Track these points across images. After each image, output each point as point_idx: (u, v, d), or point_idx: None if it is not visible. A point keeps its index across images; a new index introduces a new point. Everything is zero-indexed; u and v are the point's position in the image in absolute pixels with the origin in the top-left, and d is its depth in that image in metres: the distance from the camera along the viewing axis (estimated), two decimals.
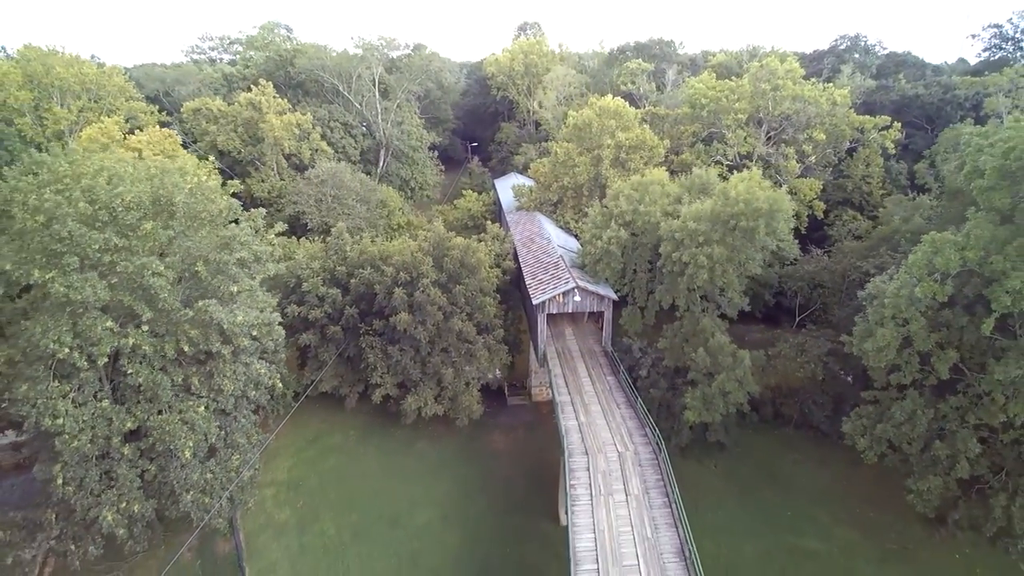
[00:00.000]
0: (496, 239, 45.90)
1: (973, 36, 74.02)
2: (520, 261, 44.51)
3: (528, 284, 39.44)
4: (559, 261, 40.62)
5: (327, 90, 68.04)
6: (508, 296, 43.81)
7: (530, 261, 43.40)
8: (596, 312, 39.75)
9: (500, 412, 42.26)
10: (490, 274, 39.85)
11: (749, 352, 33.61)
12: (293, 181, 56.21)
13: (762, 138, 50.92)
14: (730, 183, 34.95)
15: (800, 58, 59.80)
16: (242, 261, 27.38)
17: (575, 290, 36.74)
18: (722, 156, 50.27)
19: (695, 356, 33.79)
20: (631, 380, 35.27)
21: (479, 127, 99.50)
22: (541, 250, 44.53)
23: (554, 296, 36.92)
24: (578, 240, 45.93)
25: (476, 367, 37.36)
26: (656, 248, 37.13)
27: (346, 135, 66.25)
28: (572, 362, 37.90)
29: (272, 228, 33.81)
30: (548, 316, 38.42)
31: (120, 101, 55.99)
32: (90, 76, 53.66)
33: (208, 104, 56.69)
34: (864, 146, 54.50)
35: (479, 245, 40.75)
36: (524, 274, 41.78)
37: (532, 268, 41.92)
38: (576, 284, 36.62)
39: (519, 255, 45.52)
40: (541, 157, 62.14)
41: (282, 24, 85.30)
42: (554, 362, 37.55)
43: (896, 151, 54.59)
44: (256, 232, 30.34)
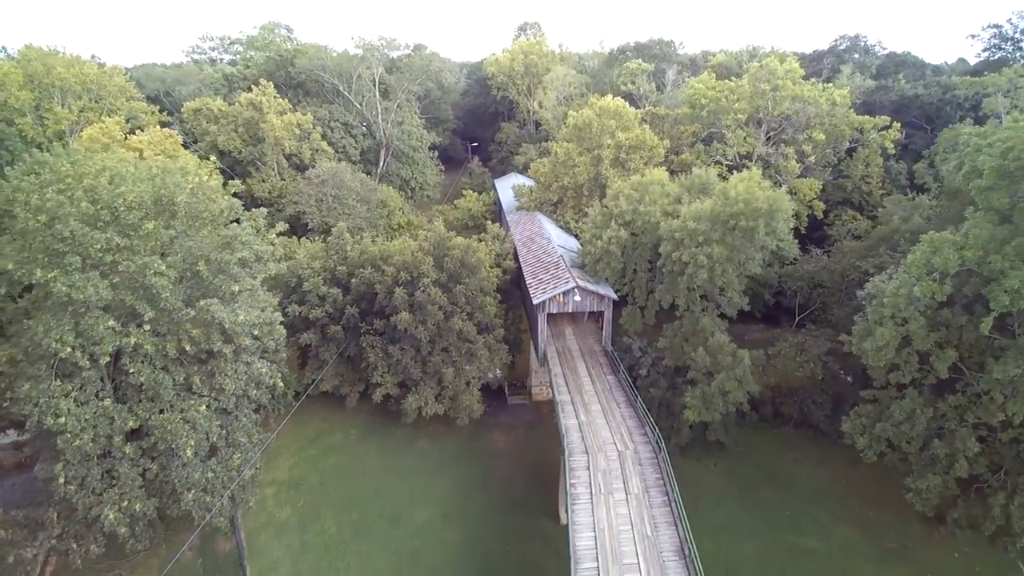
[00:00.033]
0: (496, 239, 45.97)
1: (972, 36, 73.56)
2: (520, 261, 44.59)
3: (528, 284, 39.53)
4: (559, 261, 40.69)
5: (327, 90, 68.07)
6: (508, 296, 43.89)
7: (530, 261, 43.48)
8: (596, 312, 39.86)
9: (500, 411, 42.37)
10: (490, 274, 39.93)
11: (749, 351, 33.70)
12: (294, 181, 56.29)
13: (762, 138, 50.98)
14: (730, 183, 35.04)
15: (800, 58, 59.88)
16: (243, 261, 27.49)
17: (575, 290, 36.83)
18: (722, 156, 50.31)
19: (695, 355, 33.88)
20: (631, 379, 35.36)
21: (479, 127, 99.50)
22: (541, 250, 44.60)
23: (554, 296, 37.02)
24: (578, 240, 46.00)
25: (476, 366, 37.46)
26: (656, 248, 37.24)
27: (346, 135, 66.30)
28: (572, 361, 38.00)
29: (273, 228, 33.87)
30: (548, 315, 38.51)
31: (121, 101, 56.02)
32: (91, 76, 53.66)
33: (209, 104, 56.69)
34: (864, 146, 54.54)
35: (479, 245, 40.82)
36: (524, 274, 41.86)
37: (532, 268, 42.00)
38: (576, 284, 36.70)
39: (519, 255, 45.60)
40: (541, 157, 62.15)
41: (282, 24, 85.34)
42: (554, 361, 37.66)
43: (896, 151, 54.59)
44: (257, 232, 30.45)
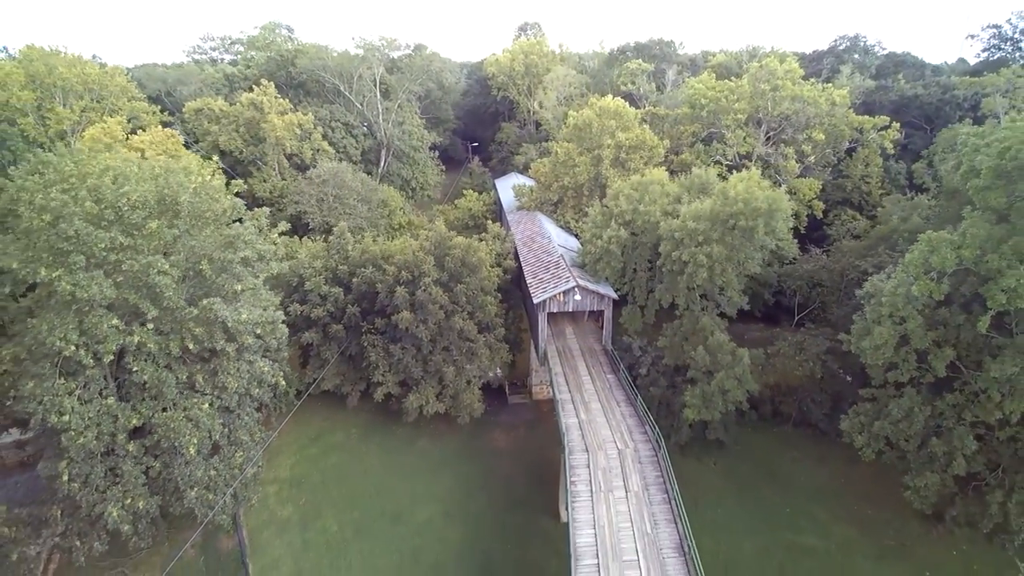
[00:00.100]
0: (497, 238, 46.11)
1: (972, 36, 73.45)
2: (521, 260, 44.73)
3: (529, 283, 39.68)
4: (559, 260, 40.83)
5: (328, 90, 68.23)
6: (509, 295, 44.03)
7: (531, 260, 43.62)
8: (596, 311, 40.02)
9: (501, 410, 42.53)
10: (491, 273, 40.06)
11: (748, 351, 33.81)
12: (295, 181, 56.42)
13: (761, 138, 51.11)
14: (729, 183, 35.18)
15: (800, 58, 60.02)
16: (246, 260, 27.69)
17: (575, 289, 36.99)
18: (721, 156, 50.43)
19: (695, 354, 34.01)
20: (631, 378, 35.51)
21: (480, 127, 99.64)
22: (542, 249, 44.74)
23: (555, 295, 37.16)
24: (578, 239, 46.14)
25: (477, 365, 37.60)
26: (656, 247, 37.38)
27: (347, 135, 66.49)
28: (572, 360, 38.15)
29: (275, 227, 34.04)
30: (549, 315, 38.67)
31: (122, 101, 56.17)
32: (92, 76, 53.80)
33: (210, 104, 56.86)
34: (863, 146, 54.66)
35: (480, 244, 40.96)
36: (525, 273, 42.01)
37: (533, 267, 42.15)
38: (576, 283, 36.85)
39: (520, 254, 45.75)
40: (541, 157, 62.27)
41: (283, 24, 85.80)
42: (554, 360, 37.81)
43: (895, 151, 54.67)
44: (259, 231, 30.63)
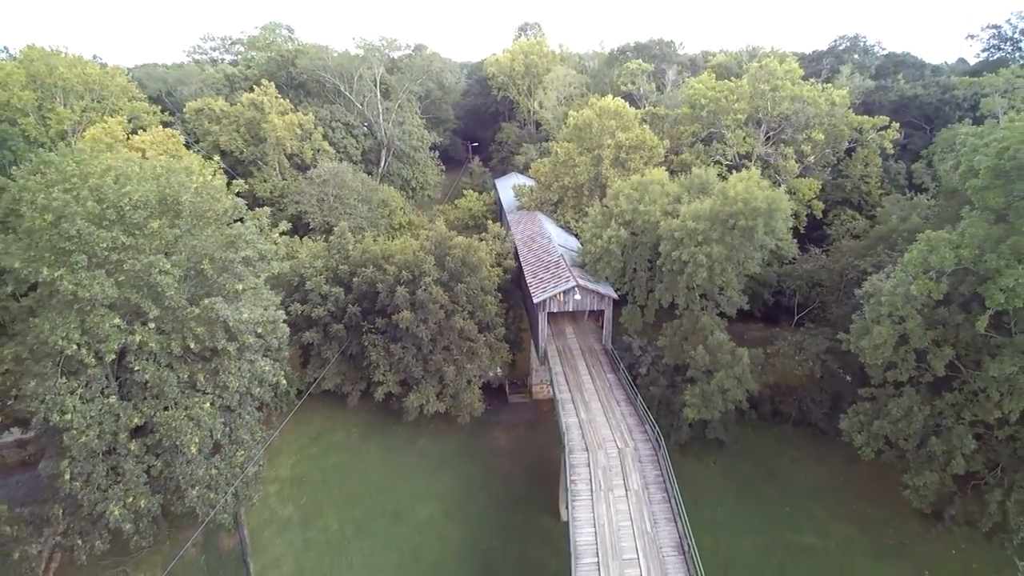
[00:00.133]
0: (497, 238, 46.19)
1: (971, 36, 73.42)
2: (521, 260, 44.80)
3: (529, 283, 39.75)
4: (560, 260, 40.90)
5: (328, 90, 68.32)
6: (509, 295, 44.11)
7: (531, 260, 43.69)
8: (596, 310, 40.09)
9: (501, 410, 42.62)
10: (491, 273, 40.14)
11: (748, 350, 33.86)
12: (295, 181, 56.53)
13: (761, 138, 51.20)
14: (729, 183, 35.26)
15: (799, 58, 60.11)
16: (247, 259, 27.75)
17: (575, 289, 37.07)
18: (721, 156, 50.52)
19: (694, 354, 34.09)
20: (631, 378, 35.58)
21: (480, 127, 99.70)
22: (542, 249, 44.82)
23: (555, 295, 37.23)
24: (578, 239, 46.22)
25: (478, 365, 37.69)
26: (656, 247, 37.45)
27: (348, 135, 66.57)
28: (573, 360, 38.23)
29: (276, 227, 34.12)
30: (549, 314, 38.75)
31: (123, 101, 56.28)
32: (93, 76, 53.89)
33: (210, 104, 56.95)
34: (863, 146, 54.71)
35: (480, 244, 41.05)
36: (525, 273, 42.08)
37: (533, 267, 42.22)
38: (576, 283, 36.93)
39: (520, 254, 45.82)
40: (541, 157, 62.35)
41: (283, 24, 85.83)
42: (555, 360, 37.89)
43: (895, 151, 54.72)
44: (260, 231, 30.69)
